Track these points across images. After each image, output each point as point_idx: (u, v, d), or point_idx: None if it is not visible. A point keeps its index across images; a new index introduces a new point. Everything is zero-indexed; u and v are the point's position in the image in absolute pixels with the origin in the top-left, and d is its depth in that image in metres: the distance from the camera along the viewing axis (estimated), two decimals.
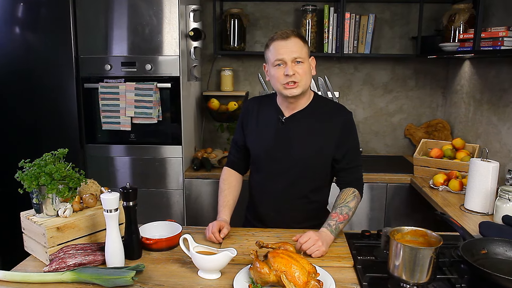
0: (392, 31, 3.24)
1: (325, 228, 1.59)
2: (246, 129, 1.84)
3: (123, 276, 1.28)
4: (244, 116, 1.86)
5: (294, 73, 1.63)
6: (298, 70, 1.64)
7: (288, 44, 1.64)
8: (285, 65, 1.64)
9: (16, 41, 2.70)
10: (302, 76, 1.65)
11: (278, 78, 1.66)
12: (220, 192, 1.84)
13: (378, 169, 2.83)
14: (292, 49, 1.63)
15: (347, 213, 1.66)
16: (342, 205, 1.67)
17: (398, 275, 1.28)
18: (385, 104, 3.35)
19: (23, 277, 1.31)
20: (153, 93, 2.67)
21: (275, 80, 1.69)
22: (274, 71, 1.67)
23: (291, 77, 1.64)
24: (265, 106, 1.83)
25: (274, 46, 1.66)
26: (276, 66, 1.66)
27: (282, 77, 1.65)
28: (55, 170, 1.41)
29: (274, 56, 1.65)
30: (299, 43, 1.65)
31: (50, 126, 2.77)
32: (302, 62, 1.65)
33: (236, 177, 1.90)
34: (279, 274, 1.24)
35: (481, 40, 2.22)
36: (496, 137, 2.55)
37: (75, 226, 1.46)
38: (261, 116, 1.81)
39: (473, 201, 2.00)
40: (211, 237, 1.61)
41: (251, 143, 1.83)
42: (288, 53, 1.63)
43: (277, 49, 1.65)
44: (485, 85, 2.71)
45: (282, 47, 1.64)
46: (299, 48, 1.64)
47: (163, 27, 2.67)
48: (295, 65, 1.64)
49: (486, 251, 1.42)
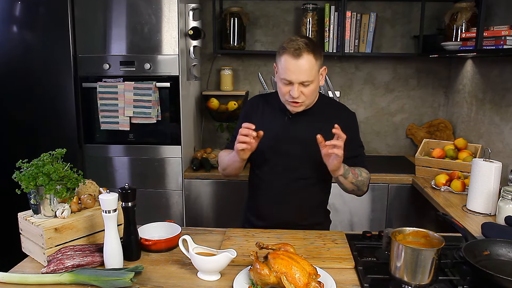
0: (394, 30, 3.22)
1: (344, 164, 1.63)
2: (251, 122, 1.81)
3: (122, 277, 1.27)
4: (249, 112, 1.85)
5: (299, 95, 1.63)
6: (304, 91, 1.63)
7: (298, 64, 1.58)
8: (291, 85, 1.62)
9: (14, 40, 2.69)
10: (308, 96, 1.66)
11: (283, 94, 1.67)
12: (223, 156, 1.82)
13: (380, 170, 2.82)
14: (302, 71, 1.59)
15: (358, 175, 1.71)
16: (357, 169, 1.73)
17: (400, 276, 1.27)
18: (386, 103, 3.34)
19: (21, 278, 1.30)
20: (152, 92, 2.66)
21: (280, 93, 1.70)
22: (280, 85, 1.67)
23: (296, 98, 1.64)
24: (270, 103, 1.83)
25: (285, 62, 1.61)
26: (282, 82, 1.65)
27: (287, 95, 1.66)
28: (53, 171, 1.40)
29: (283, 73, 1.62)
30: (311, 61, 1.59)
31: (48, 126, 2.76)
32: (311, 83, 1.63)
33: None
34: (279, 275, 1.24)
35: (483, 39, 2.21)
36: (499, 137, 2.54)
37: (73, 227, 1.45)
38: (266, 113, 1.82)
39: (476, 202, 1.99)
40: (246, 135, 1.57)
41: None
42: (297, 75, 1.59)
43: (287, 67, 1.60)
44: (487, 85, 2.70)
45: (292, 66, 1.59)
46: (309, 69, 1.59)
47: (162, 26, 2.66)
48: (302, 86, 1.63)
49: (489, 252, 1.42)
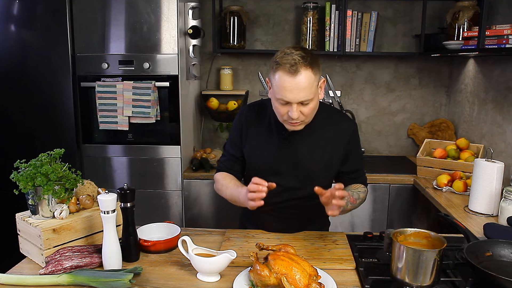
0: (395, 29, 3.21)
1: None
2: (246, 142, 1.70)
3: (121, 278, 1.27)
4: (244, 124, 1.71)
5: (298, 115, 1.49)
6: (304, 111, 1.49)
7: (296, 82, 1.43)
8: (289, 105, 1.48)
9: (11, 39, 2.68)
10: (308, 114, 1.52)
11: (281, 114, 1.53)
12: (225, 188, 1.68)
13: (381, 170, 2.82)
14: (300, 89, 1.44)
15: (356, 199, 1.64)
16: (354, 191, 1.66)
17: (401, 277, 1.26)
18: (387, 103, 3.32)
19: (19, 279, 1.30)
20: (151, 92, 2.65)
21: (277, 113, 1.55)
22: (277, 105, 1.52)
23: (295, 119, 1.50)
24: (265, 118, 1.69)
25: (280, 80, 1.45)
26: (279, 102, 1.50)
27: (285, 115, 1.51)
28: (51, 171, 1.39)
29: (279, 93, 1.47)
30: (309, 77, 1.44)
31: (46, 126, 2.75)
32: (310, 100, 1.48)
33: (231, 175, 1.75)
34: (279, 276, 1.23)
35: (485, 38, 2.20)
36: (501, 137, 2.53)
37: (72, 228, 1.45)
38: (262, 128, 1.69)
39: (478, 202, 1.98)
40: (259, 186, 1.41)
41: (252, 157, 1.71)
42: (295, 95, 1.45)
43: (283, 85, 1.45)
44: (489, 84, 2.69)
45: (289, 85, 1.44)
46: (308, 86, 1.45)
47: (161, 24, 2.65)
48: (302, 106, 1.48)
49: (491, 253, 1.41)
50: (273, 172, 1.65)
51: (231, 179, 1.70)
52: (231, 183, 1.67)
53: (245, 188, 1.50)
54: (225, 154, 1.78)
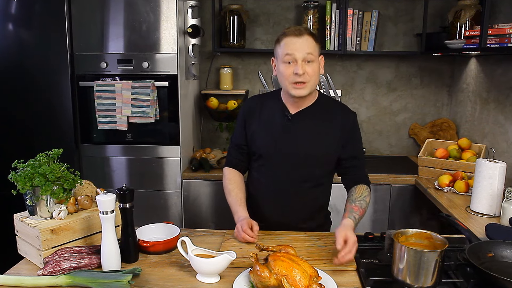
0: (396, 28, 3.21)
1: (351, 220, 1.57)
2: (249, 129, 1.81)
3: (119, 280, 1.27)
4: (247, 116, 1.82)
5: (304, 72, 1.61)
6: (308, 70, 1.62)
7: (300, 41, 1.61)
8: (295, 63, 1.62)
9: (9, 38, 2.66)
10: (312, 76, 1.63)
11: (287, 76, 1.64)
12: (228, 192, 1.80)
13: (382, 170, 2.82)
14: (304, 47, 1.61)
15: (365, 208, 1.67)
16: (361, 199, 1.67)
17: (402, 278, 1.27)
18: (388, 103, 3.32)
19: (17, 281, 1.29)
20: (150, 91, 2.64)
21: (283, 78, 1.66)
22: (283, 68, 1.65)
23: (301, 76, 1.61)
24: (269, 104, 1.81)
25: (286, 42, 1.63)
26: (286, 63, 1.64)
27: (291, 76, 1.63)
28: (49, 171, 1.40)
29: (285, 51, 1.63)
30: (312, 42, 1.63)
31: (44, 126, 2.74)
32: (313, 61, 1.63)
33: (240, 176, 1.87)
34: (279, 277, 1.23)
35: (487, 37, 2.21)
36: (503, 137, 2.52)
37: (70, 229, 1.45)
38: (265, 114, 1.79)
39: (480, 203, 1.98)
40: (245, 236, 1.59)
41: (255, 141, 1.80)
42: (300, 51, 1.61)
43: (289, 45, 1.62)
44: (491, 84, 2.68)
45: (294, 44, 1.61)
46: (311, 47, 1.62)
47: (161, 23, 2.64)
48: (306, 64, 1.62)
49: (493, 254, 1.41)
50: (275, 154, 1.74)
51: (235, 186, 1.80)
52: (233, 191, 1.78)
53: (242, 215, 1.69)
54: (231, 144, 1.90)
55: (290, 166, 1.74)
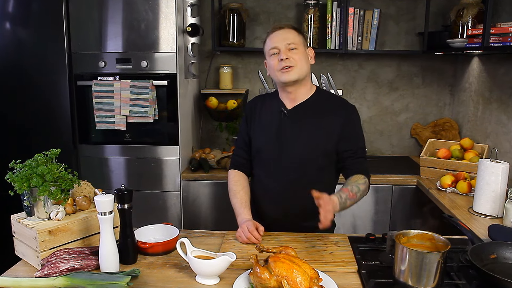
0: (398, 27, 3.19)
1: (336, 197, 1.54)
2: (251, 128, 1.86)
3: (118, 281, 1.26)
4: (248, 116, 1.88)
5: (287, 57, 1.69)
6: (292, 56, 1.70)
7: (281, 32, 1.74)
8: (279, 52, 1.72)
9: (6, 37, 2.65)
10: (297, 61, 1.71)
11: (274, 65, 1.73)
12: (233, 194, 1.83)
13: (383, 170, 2.81)
14: (286, 37, 1.72)
15: (356, 193, 1.64)
16: (353, 184, 1.67)
17: (404, 280, 1.27)
18: (390, 102, 3.30)
19: (14, 282, 1.29)
20: (149, 91, 2.62)
21: (272, 70, 1.75)
22: (271, 61, 1.75)
23: (285, 61, 1.69)
24: (268, 102, 1.87)
25: (270, 38, 1.76)
26: (272, 55, 1.74)
27: (277, 64, 1.72)
28: (47, 171, 1.40)
29: (270, 46, 1.74)
30: (293, 32, 1.74)
31: (42, 126, 2.73)
32: (297, 49, 1.71)
33: (245, 178, 1.89)
34: (280, 279, 1.23)
35: (490, 36, 2.21)
36: (506, 137, 2.51)
37: (68, 230, 1.45)
38: (264, 111, 1.85)
39: (482, 204, 1.97)
40: (251, 237, 1.61)
41: (255, 140, 1.84)
42: (282, 40, 1.72)
43: (272, 38, 1.74)
44: (494, 83, 2.67)
45: (276, 36, 1.74)
46: (292, 36, 1.73)
47: (160, 22, 2.62)
48: (289, 51, 1.71)
49: (496, 256, 1.41)
50: (274, 150, 1.77)
51: (240, 188, 1.82)
52: (238, 193, 1.81)
53: (245, 217, 1.71)
54: (236, 145, 1.95)
55: (288, 164, 1.75)
